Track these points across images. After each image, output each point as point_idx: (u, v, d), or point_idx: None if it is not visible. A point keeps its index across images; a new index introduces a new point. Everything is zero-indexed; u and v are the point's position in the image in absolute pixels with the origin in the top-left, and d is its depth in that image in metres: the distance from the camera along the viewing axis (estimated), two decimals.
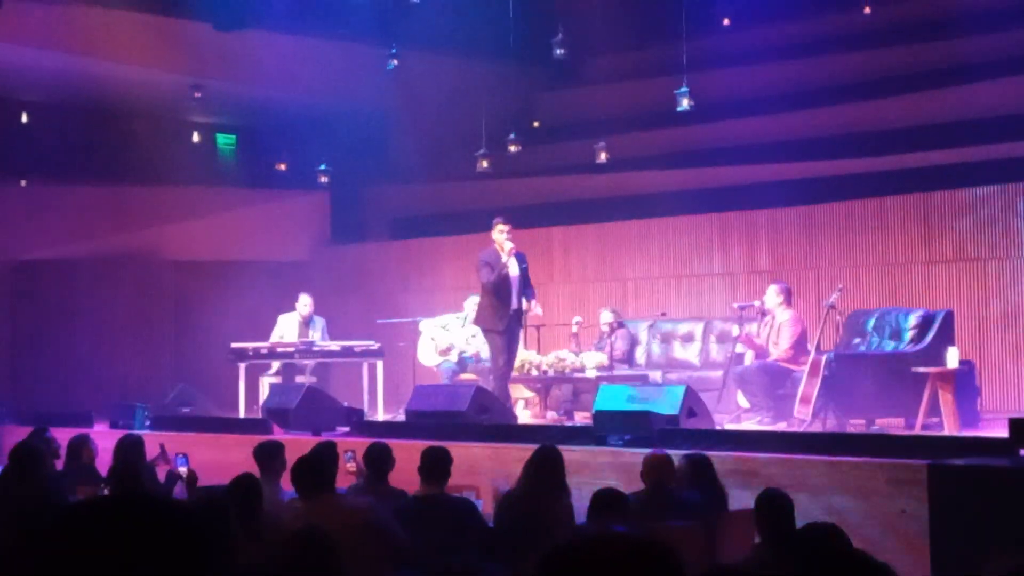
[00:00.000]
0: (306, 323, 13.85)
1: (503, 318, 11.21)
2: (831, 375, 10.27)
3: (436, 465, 6.69)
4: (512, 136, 15.50)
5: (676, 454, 7.18)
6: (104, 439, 9.74)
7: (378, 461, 7.13)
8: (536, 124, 17.07)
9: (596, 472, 8.54)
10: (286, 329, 13.80)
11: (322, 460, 6.68)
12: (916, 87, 13.71)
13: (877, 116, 13.90)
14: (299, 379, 13.42)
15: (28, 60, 14.15)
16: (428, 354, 13.46)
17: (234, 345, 13.43)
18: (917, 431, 9.88)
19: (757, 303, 11.97)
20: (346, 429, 11.06)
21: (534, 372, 12.32)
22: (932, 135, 13.27)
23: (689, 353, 13.48)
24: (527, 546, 5.60)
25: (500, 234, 11.39)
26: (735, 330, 11.97)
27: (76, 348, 15.95)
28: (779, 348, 11.27)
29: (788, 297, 11.61)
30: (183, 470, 7.98)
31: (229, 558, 4.35)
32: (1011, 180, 12.42)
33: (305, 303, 13.91)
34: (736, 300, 12.89)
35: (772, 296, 11.58)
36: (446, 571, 3.62)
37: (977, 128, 12.93)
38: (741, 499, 6.89)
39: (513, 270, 11.27)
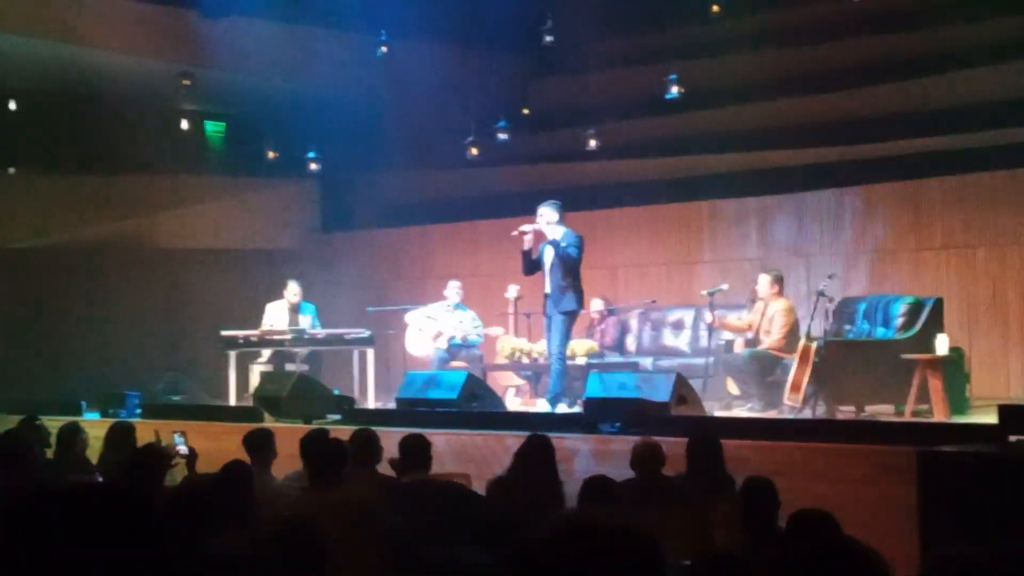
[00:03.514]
0: (295, 310, 13.83)
1: (544, 302, 11.17)
2: (821, 362, 10.29)
3: (415, 452, 6.68)
4: (501, 124, 15.49)
5: (666, 441, 7.19)
6: (95, 427, 9.71)
7: (365, 448, 7.10)
8: (525, 112, 17.04)
9: (587, 460, 8.54)
10: (274, 317, 13.76)
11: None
12: (905, 74, 13.71)
13: (867, 103, 13.90)
14: (289, 367, 13.40)
15: (16, 48, 14.09)
16: (417, 344, 13.46)
17: (224, 333, 13.42)
18: (907, 418, 9.92)
19: (725, 286, 12.07)
20: (337, 417, 11.06)
21: (525, 360, 12.34)
22: (921, 122, 13.28)
23: (679, 340, 13.51)
24: (517, 535, 5.60)
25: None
26: (708, 316, 12.00)
27: (66, 336, 15.92)
28: (771, 337, 11.29)
29: (781, 286, 11.63)
30: (182, 449, 7.94)
31: (207, 548, 4.35)
32: (1000, 167, 12.45)
33: (294, 291, 13.88)
34: (724, 288, 12.92)
35: (765, 285, 11.58)
36: (438, 562, 3.62)
37: (966, 115, 12.93)
38: None
39: (547, 255, 11.10)
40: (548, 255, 11.03)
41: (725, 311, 12.39)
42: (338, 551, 4.62)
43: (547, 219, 11.03)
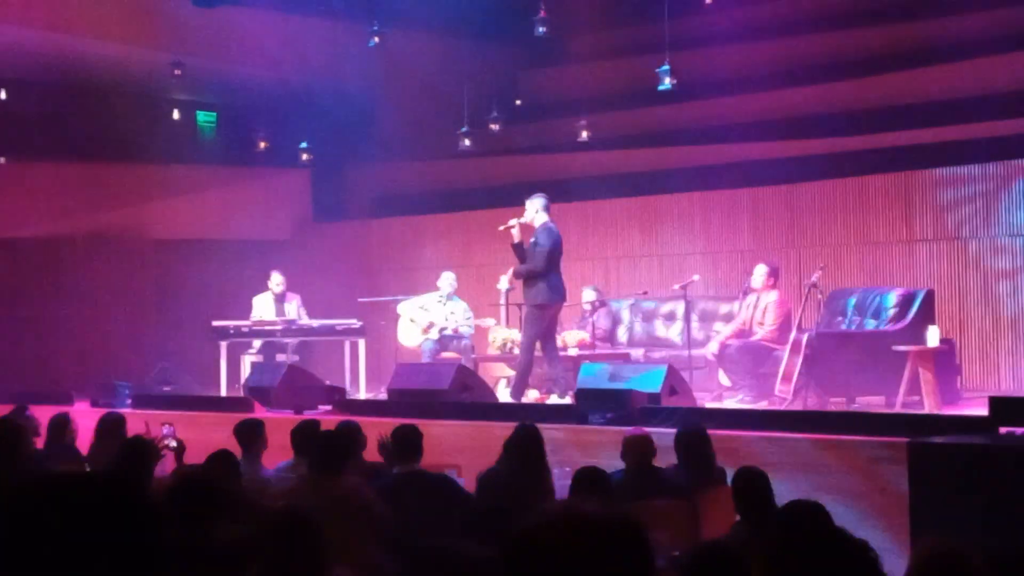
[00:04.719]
0: (280, 300, 13.84)
1: None
2: (812, 353, 10.30)
3: (407, 443, 6.68)
4: (494, 114, 15.46)
5: (658, 432, 7.19)
6: (85, 418, 9.70)
7: (352, 440, 7.10)
8: (518, 102, 17.02)
9: (578, 450, 8.55)
10: (263, 310, 13.78)
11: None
12: (898, 66, 13.70)
13: (859, 95, 13.89)
14: (280, 357, 13.41)
15: (7, 37, 14.03)
16: (408, 335, 13.45)
17: (215, 323, 13.41)
18: (898, 409, 9.92)
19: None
20: (328, 407, 11.05)
21: (516, 351, 12.33)
22: (914, 114, 13.27)
23: (671, 332, 13.50)
24: (506, 526, 5.59)
25: None
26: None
27: (57, 326, 15.89)
28: (764, 328, 11.28)
29: (776, 278, 11.61)
30: (170, 442, 7.93)
31: (201, 538, 4.34)
32: (992, 159, 12.45)
33: (277, 281, 13.90)
34: (715, 280, 12.92)
35: (761, 276, 11.55)
36: (430, 552, 3.62)
37: (958, 108, 12.93)
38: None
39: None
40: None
41: (715, 302, 12.40)
42: (336, 541, 4.61)
43: (528, 212, 11.17)
